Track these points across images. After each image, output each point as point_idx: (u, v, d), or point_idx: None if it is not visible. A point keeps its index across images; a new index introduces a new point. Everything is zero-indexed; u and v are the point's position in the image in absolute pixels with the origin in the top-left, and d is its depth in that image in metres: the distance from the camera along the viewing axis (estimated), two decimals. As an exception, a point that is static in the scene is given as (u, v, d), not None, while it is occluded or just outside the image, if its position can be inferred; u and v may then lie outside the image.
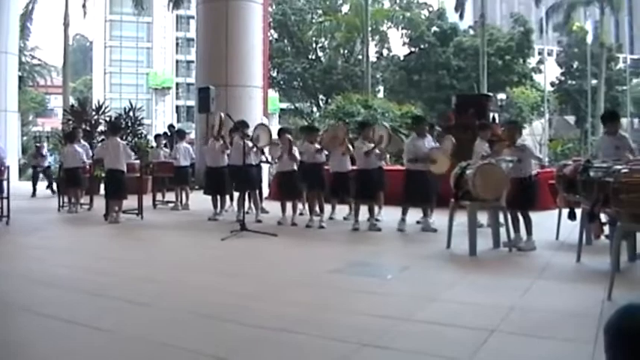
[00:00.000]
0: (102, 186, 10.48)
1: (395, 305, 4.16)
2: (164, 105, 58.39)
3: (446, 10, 37.93)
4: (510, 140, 6.49)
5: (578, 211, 5.70)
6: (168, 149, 11.86)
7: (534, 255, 5.99)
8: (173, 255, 6.52)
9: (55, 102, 47.68)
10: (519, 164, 6.22)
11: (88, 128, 14.47)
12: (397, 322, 3.69)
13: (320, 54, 37.61)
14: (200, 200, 10.21)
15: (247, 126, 8.97)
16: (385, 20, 35.40)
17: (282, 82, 37.25)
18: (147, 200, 10.19)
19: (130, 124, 15.44)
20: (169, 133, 13.72)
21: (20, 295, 4.46)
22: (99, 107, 15.65)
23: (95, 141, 13.88)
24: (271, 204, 9.68)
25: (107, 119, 14.96)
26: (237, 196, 9.22)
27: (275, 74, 35.02)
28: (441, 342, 3.31)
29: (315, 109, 36.41)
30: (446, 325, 3.60)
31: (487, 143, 7.49)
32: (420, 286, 4.77)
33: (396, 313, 3.90)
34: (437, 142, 8.14)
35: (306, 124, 18.60)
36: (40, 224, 8.81)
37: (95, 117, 15.23)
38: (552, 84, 40.83)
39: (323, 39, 36.75)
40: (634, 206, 4.05)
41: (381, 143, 7.98)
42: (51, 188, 13.85)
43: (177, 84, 58.84)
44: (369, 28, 31.47)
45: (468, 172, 6.09)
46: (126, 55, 58.72)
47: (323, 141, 8.58)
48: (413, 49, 36.41)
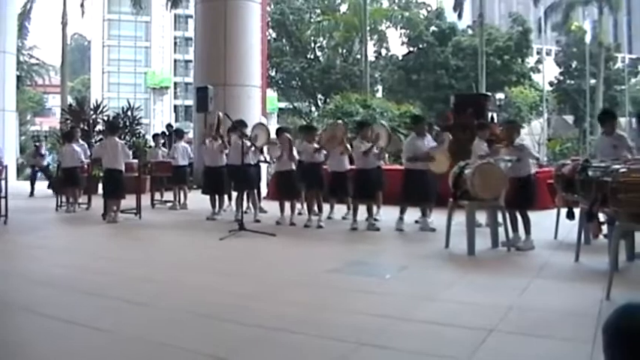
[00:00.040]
0: (100, 185, 10.48)
1: (393, 305, 4.16)
2: (162, 104, 58.40)
3: (444, 10, 37.96)
4: (508, 140, 6.49)
5: (576, 211, 5.69)
6: (166, 149, 11.86)
7: (533, 254, 5.99)
8: (171, 254, 6.52)
9: (53, 101, 47.69)
10: (518, 164, 6.23)
11: (86, 128, 14.44)
12: (395, 322, 3.69)
13: (318, 53, 37.58)
14: (198, 200, 10.21)
15: (246, 125, 8.95)
16: (384, 20, 35.37)
17: (280, 82, 37.23)
18: (145, 200, 10.20)
19: (128, 124, 15.44)
20: (167, 133, 13.70)
21: (19, 295, 4.46)
22: (97, 107, 15.63)
23: (93, 140, 13.86)
24: (270, 204, 9.68)
25: (105, 119, 14.99)
26: (235, 196, 9.22)
27: (273, 74, 35.01)
28: (440, 341, 3.31)
29: (313, 109, 36.37)
30: (444, 325, 3.60)
31: (486, 143, 7.50)
32: (419, 286, 4.77)
33: (395, 313, 3.90)
34: (435, 142, 8.13)
35: (304, 124, 18.57)
36: (38, 224, 8.81)
37: (93, 116, 15.22)
38: (551, 83, 40.88)
39: (321, 38, 36.73)
40: (632, 206, 4.06)
41: (378, 141, 7.97)
42: (52, 187, 13.83)
43: (175, 83, 58.86)
44: (368, 28, 31.44)
45: (467, 172, 6.09)
46: (124, 55, 58.75)
47: (321, 140, 8.57)
48: (411, 49, 36.42)
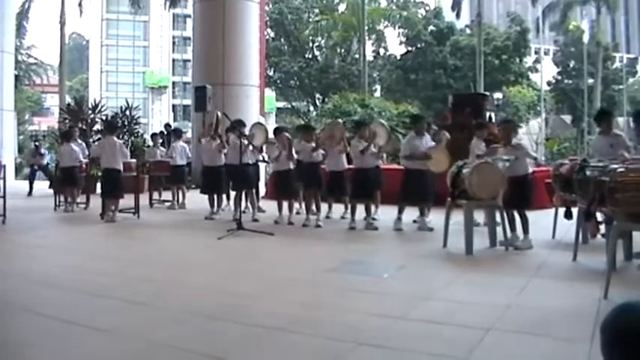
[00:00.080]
0: (98, 185, 10.47)
1: (391, 304, 4.16)
2: (160, 104, 58.35)
3: (442, 10, 37.95)
4: (506, 139, 6.50)
5: (574, 210, 5.71)
6: (164, 148, 11.84)
7: (531, 254, 6.00)
8: (169, 254, 6.51)
9: (52, 101, 47.65)
10: (515, 163, 6.24)
11: (85, 127, 14.44)
12: (393, 321, 3.69)
13: (317, 53, 37.57)
14: (197, 199, 10.20)
15: (244, 125, 8.96)
16: (382, 19, 35.34)
17: (278, 81, 37.22)
18: (143, 199, 10.19)
19: (127, 123, 15.41)
20: (166, 132, 13.68)
21: (18, 295, 4.45)
22: (95, 106, 15.62)
23: (91, 140, 13.85)
24: (268, 203, 9.68)
25: (103, 118, 14.97)
26: (233, 195, 9.22)
27: (272, 73, 35.00)
28: (437, 341, 3.31)
29: (311, 108, 36.37)
30: (442, 324, 3.60)
31: (484, 142, 7.51)
32: (417, 285, 4.78)
33: (392, 312, 3.90)
34: (434, 141, 8.12)
35: (302, 123, 18.56)
36: (37, 223, 8.80)
37: (91, 116, 15.22)
38: (549, 83, 40.91)
39: (320, 38, 36.70)
40: (630, 205, 4.06)
41: (375, 138, 7.96)
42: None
43: (173, 83, 58.79)
44: (366, 27, 31.45)
45: (465, 171, 6.10)
46: (122, 54, 58.66)
47: (320, 139, 8.55)
48: (410, 49, 36.40)
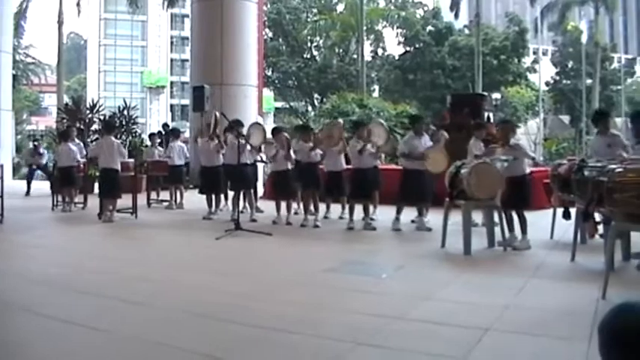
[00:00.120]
0: (96, 185, 10.45)
1: (389, 304, 4.16)
2: (158, 104, 58.22)
3: (441, 10, 38.02)
4: (504, 139, 6.50)
5: (572, 211, 5.71)
6: (162, 148, 11.84)
7: (529, 254, 6.00)
8: (167, 254, 6.50)
9: (49, 100, 47.57)
10: (513, 163, 6.24)
11: (82, 127, 14.41)
12: (392, 321, 3.69)
13: (315, 53, 37.62)
14: (195, 199, 10.20)
15: (242, 125, 8.95)
16: (380, 19, 35.40)
17: (277, 81, 37.25)
18: (141, 199, 10.18)
19: (125, 123, 15.39)
20: (164, 132, 13.68)
21: (16, 294, 4.44)
22: (93, 106, 15.61)
23: (89, 140, 13.83)
24: (266, 203, 9.66)
25: (101, 118, 14.95)
26: (231, 196, 9.21)
27: (270, 73, 35.05)
28: (436, 341, 3.31)
29: (310, 108, 36.41)
30: (440, 324, 3.60)
31: (482, 142, 7.51)
32: (415, 285, 4.77)
33: (391, 312, 3.90)
34: (432, 141, 8.11)
35: (300, 123, 18.56)
36: (35, 223, 8.78)
37: (89, 116, 15.20)
38: (547, 83, 40.95)
39: (318, 38, 36.76)
40: (628, 205, 4.06)
41: (371, 137, 7.94)
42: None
43: (171, 83, 58.68)
44: (364, 27, 31.47)
45: (463, 172, 6.09)
46: (120, 54, 58.54)
47: (318, 139, 8.53)
48: (408, 49, 36.45)
